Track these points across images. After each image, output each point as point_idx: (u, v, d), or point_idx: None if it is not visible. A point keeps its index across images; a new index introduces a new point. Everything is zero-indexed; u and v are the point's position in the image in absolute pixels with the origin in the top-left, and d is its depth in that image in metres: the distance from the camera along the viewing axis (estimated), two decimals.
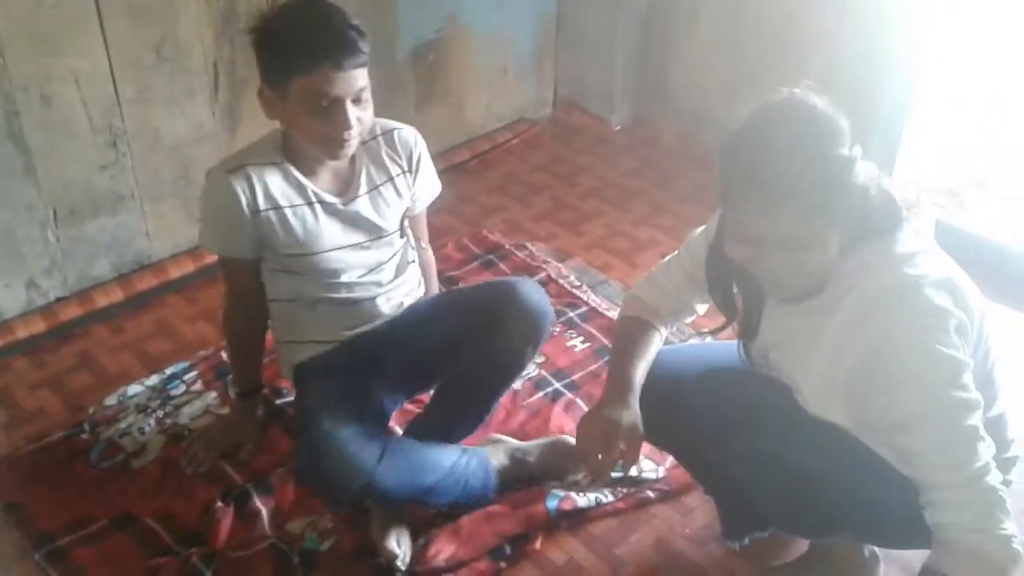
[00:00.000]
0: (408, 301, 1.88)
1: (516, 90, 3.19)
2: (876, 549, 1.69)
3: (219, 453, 1.94)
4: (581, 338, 2.29)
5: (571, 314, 2.38)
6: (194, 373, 2.18)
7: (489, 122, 3.16)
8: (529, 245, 2.66)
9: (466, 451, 1.82)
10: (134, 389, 2.13)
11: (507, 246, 2.64)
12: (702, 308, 1.66)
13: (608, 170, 3.06)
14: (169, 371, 2.19)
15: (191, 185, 2.45)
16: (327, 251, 1.73)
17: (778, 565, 1.75)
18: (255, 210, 1.66)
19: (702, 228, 1.62)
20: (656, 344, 1.62)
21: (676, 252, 1.66)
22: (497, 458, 1.85)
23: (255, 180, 1.66)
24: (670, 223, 2.78)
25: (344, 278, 1.77)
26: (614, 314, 2.36)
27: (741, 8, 2.86)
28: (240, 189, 1.65)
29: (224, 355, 2.20)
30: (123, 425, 2.02)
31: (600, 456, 1.47)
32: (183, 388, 2.14)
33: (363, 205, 1.75)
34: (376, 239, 1.78)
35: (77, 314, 2.34)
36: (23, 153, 2.14)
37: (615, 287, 2.50)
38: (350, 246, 1.75)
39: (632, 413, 1.50)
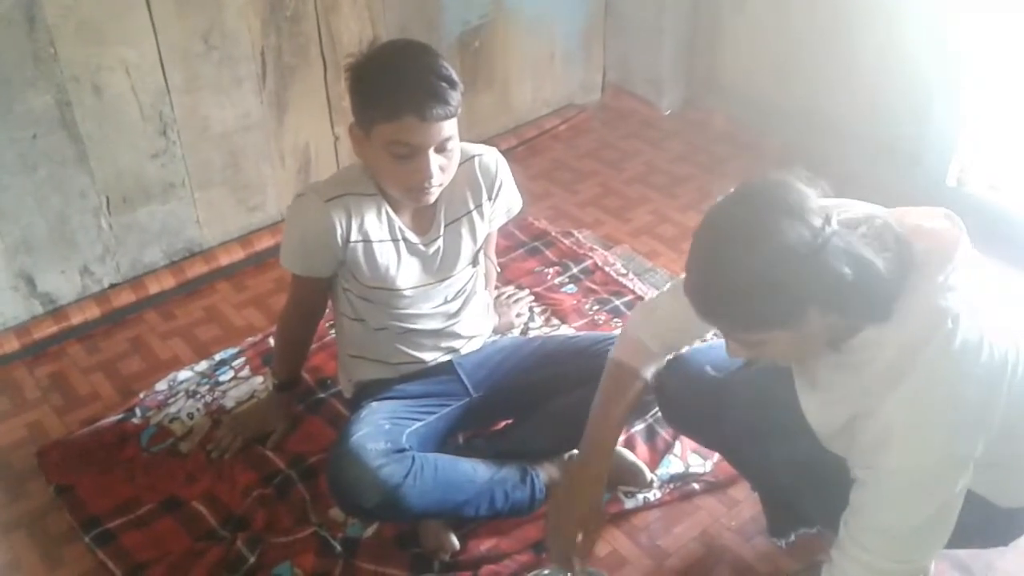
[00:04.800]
0: (477, 330, 1.88)
1: (563, 75, 3.17)
2: None
3: (245, 440, 1.95)
4: None
5: (617, 303, 2.35)
6: (242, 359, 2.21)
7: (536, 108, 3.14)
8: (575, 232, 2.64)
9: (507, 464, 1.78)
10: (184, 374, 2.17)
11: (553, 233, 2.62)
12: (709, 334, 1.60)
13: (656, 155, 3.02)
14: (218, 357, 2.22)
15: (240, 172, 2.48)
16: (403, 288, 1.73)
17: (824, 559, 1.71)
18: (346, 240, 1.65)
19: None
20: (634, 397, 1.59)
21: (674, 285, 1.57)
22: (546, 471, 1.81)
23: (352, 212, 1.64)
24: None
25: (413, 310, 1.77)
26: None
27: None
28: (337, 220, 1.63)
29: (271, 342, 2.22)
30: (173, 410, 2.06)
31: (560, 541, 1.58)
32: (231, 374, 2.17)
33: (442, 244, 1.74)
34: (451, 276, 1.78)
35: (130, 300, 2.38)
36: (76, 142, 2.17)
37: (662, 275, 2.47)
38: (426, 284, 1.76)
39: (596, 499, 1.58)
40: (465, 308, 1.84)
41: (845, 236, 1.16)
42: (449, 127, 1.56)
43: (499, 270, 2.11)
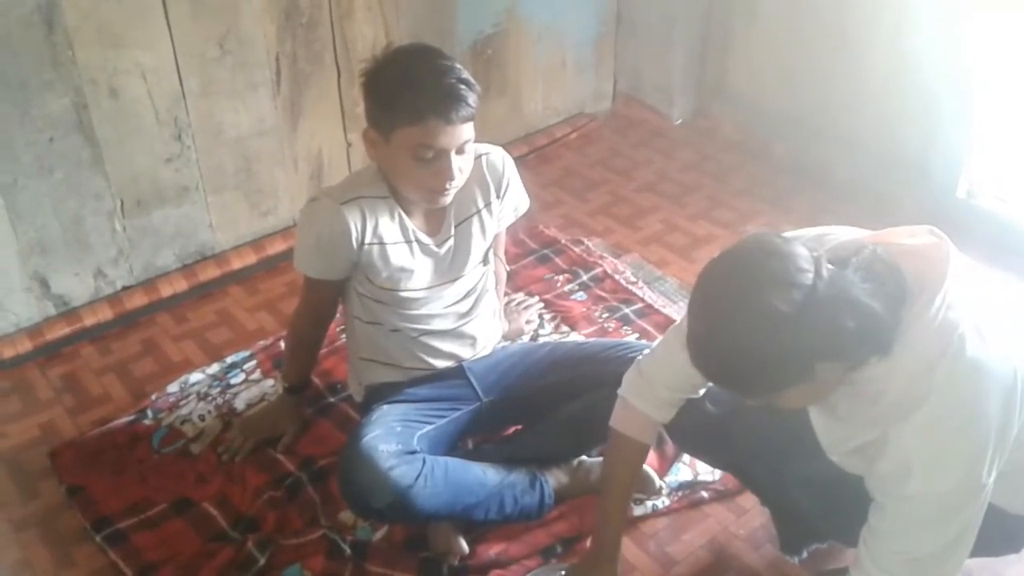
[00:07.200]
0: (487, 331, 1.89)
1: (574, 84, 3.18)
2: None
3: (256, 443, 1.96)
4: (637, 335, 2.27)
5: (627, 310, 2.36)
6: (253, 362, 2.22)
7: (547, 116, 3.15)
8: (585, 240, 2.64)
9: (516, 469, 1.78)
10: (195, 377, 2.18)
11: (563, 241, 2.63)
12: (703, 389, 1.58)
13: (666, 164, 3.03)
14: (229, 360, 2.23)
15: (253, 177, 2.50)
16: (418, 289, 1.75)
17: (834, 569, 1.72)
18: (361, 243, 1.66)
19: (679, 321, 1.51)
20: (640, 467, 1.66)
21: (666, 341, 1.54)
22: (555, 477, 1.82)
23: (367, 214, 1.66)
24: (727, 218, 2.74)
25: (425, 310, 1.78)
26: (670, 311, 2.34)
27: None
28: (352, 222, 1.64)
29: (282, 345, 2.23)
30: (184, 412, 2.07)
31: None
32: (242, 376, 2.18)
33: (453, 244, 1.76)
34: (462, 275, 1.79)
35: (142, 303, 2.39)
36: (91, 145, 2.19)
37: (671, 283, 2.47)
38: (438, 284, 1.77)
39: None
40: (476, 307, 1.85)
41: (838, 281, 1.16)
42: (469, 129, 1.58)
43: (508, 269, 2.11)
